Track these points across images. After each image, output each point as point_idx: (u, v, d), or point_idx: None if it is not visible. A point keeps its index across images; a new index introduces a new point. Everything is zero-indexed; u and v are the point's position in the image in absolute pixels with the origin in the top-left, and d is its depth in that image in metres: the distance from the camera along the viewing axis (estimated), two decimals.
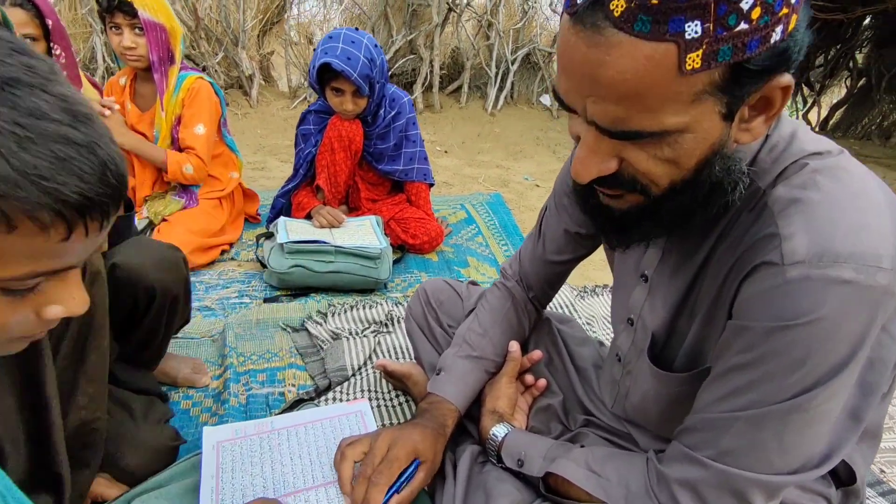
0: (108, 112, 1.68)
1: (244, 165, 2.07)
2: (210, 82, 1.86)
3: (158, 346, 1.09)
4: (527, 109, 4.78)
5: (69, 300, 0.48)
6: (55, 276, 0.46)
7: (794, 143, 0.60)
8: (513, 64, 4.63)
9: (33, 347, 0.67)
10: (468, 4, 4.51)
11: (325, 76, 1.74)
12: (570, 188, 0.90)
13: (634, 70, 0.47)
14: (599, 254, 0.95)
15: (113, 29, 1.67)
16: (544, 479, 0.78)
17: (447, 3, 4.33)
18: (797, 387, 0.54)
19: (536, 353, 1.02)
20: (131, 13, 1.63)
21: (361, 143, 1.88)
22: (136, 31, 1.67)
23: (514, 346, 0.99)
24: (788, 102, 0.53)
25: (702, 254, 0.66)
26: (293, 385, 1.27)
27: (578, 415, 0.98)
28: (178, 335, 1.40)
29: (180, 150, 1.83)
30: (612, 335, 0.90)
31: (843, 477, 0.73)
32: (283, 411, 1.17)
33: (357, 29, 1.78)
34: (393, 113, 1.92)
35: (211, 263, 1.82)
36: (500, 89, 4.66)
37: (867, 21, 4.31)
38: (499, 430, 0.87)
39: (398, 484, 0.79)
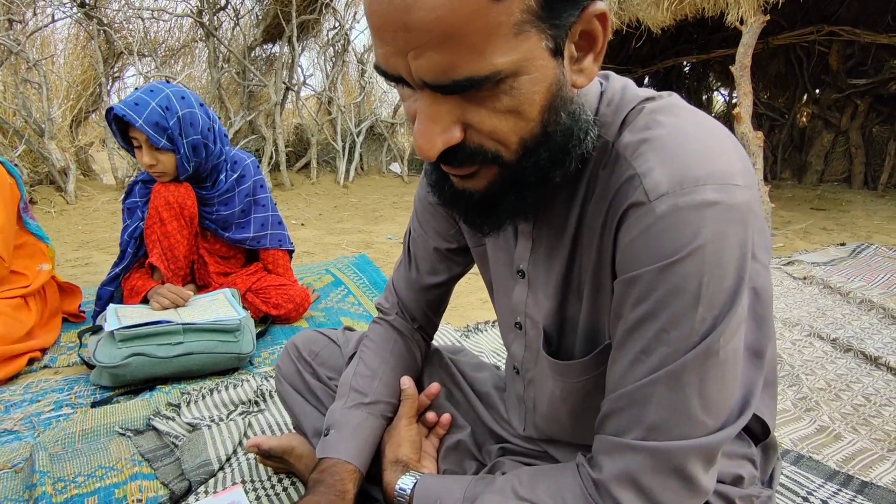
0: None
1: (62, 263, 1.74)
2: (1, 161, 1.56)
3: None
4: (378, 178, 4.84)
5: None
6: None
7: (627, 92, 0.61)
8: (358, 136, 4.71)
9: None
10: (305, 82, 4.55)
11: (123, 129, 1.58)
12: (427, 201, 0.85)
13: (444, 3, 0.43)
14: (475, 293, 0.89)
15: None
16: None
17: (283, 83, 4.32)
18: (703, 325, 0.51)
19: (434, 387, 0.90)
20: None
21: (195, 208, 1.68)
22: None
23: (407, 383, 0.87)
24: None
25: (570, 228, 0.63)
26: (138, 501, 0.99)
27: (491, 445, 0.88)
28: None
29: None
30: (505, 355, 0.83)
31: (758, 432, 0.71)
32: None
33: (168, 81, 1.64)
34: (235, 175, 1.76)
35: (14, 377, 1.44)
36: (350, 162, 4.69)
37: None
38: (406, 482, 0.73)
39: None
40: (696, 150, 0.52)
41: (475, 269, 0.86)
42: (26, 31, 3.57)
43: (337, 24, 4.59)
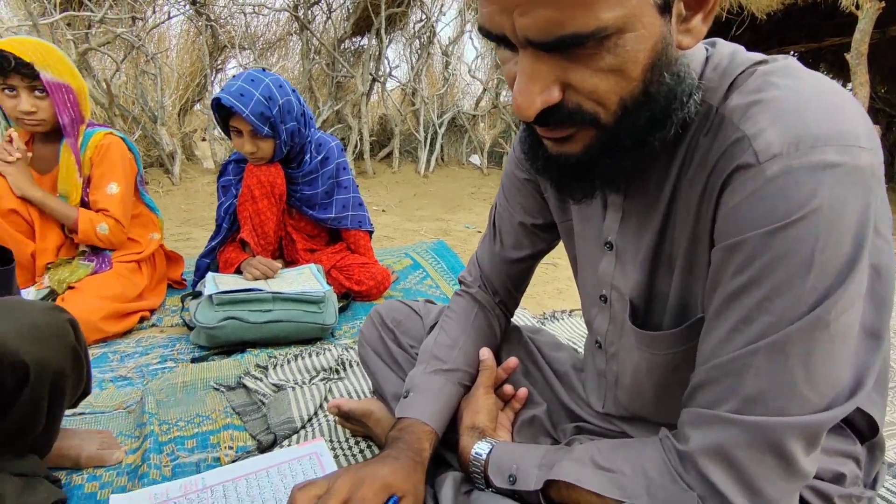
0: (11, 157, 1.50)
1: (167, 237, 1.90)
2: (122, 137, 1.72)
3: (44, 430, 0.85)
4: (458, 169, 4.87)
5: None
6: None
7: (737, 56, 0.57)
8: (440, 128, 4.76)
9: None
10: (391, 74, 4.66)
11: (225, 117, 1.66)
12: (515, 175, 0.84)
13: None
14: (552, 283, 0.88)
15: (6, 91, 1.51)
16: (544, 491, 0.65)
17: (370, 74, 4.45)
18: (813, 294, 0.47)
19: (512, 361, 0.90)
20: (31, 75, 1.49)
21: (284, 187, 1.77)
22: (37, 93, 1.52)
23: (486, 353, 0.87)
24: None
25: (664, 198, 0.60)
26: (230, 447, 1.06)
27: (567, 424, 0.86)
28: (84, 410, 1.17)
29: None
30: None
31: (863, 428, 0.65)
32: None
33: (265, 70, 1.72)
34: (320, 157, 1.83)
35: (128, 333, 1.59)
36: (431, 152, 4.75)
37: None
38: (482, 447, 0.73)
39: None
40: (814, 110, 0.48)
41: (554, 259, 0.85)
42: (146, 27, 3.91)
43: (423, 17, 4.67)
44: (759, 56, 0.57)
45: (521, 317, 1.67)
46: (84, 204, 1.65)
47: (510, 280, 0.92)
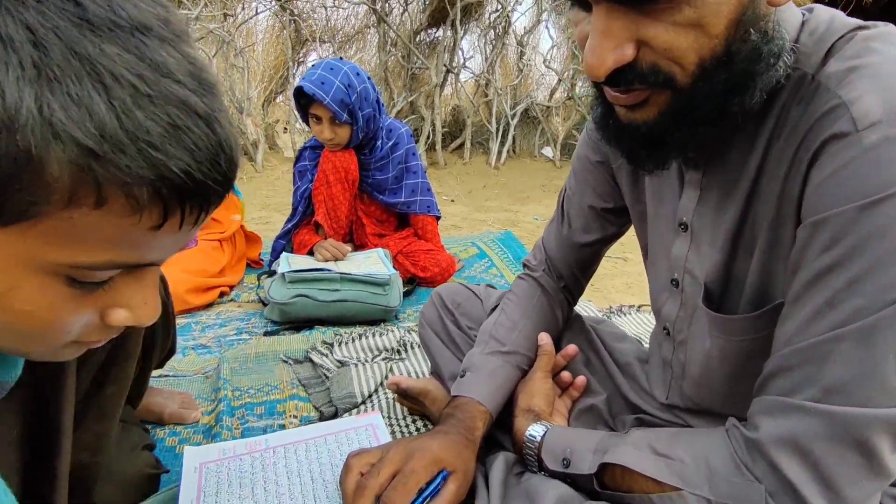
0: None
1: (247, 221, 2.02)
2: None
3: (135, 382, 0.94)
4: (530, 162, 4.81)
5: (140, 306, 0.40)
6: (133, 272, 0.39)
7: (836, 21, 0.52)
8: (513, 119, 4.71)
9: (56, 373, 0.56)
10: (465, 65, 4.66)
11: (305, 104, 1.71)
12: (586, 158, 0.82)
13: None
14: (620, 277, 0.84)
15: None
16: (599, 477, 0.63)
17: (444, 66, 4.47)
18: None
19: (571, 348, 0.88)
20: None
21: (357, 172, 1.82)
22: None
23: (545, 338, 0.85)
24: None
25: (748, 175, 0.56)
26: (295, 416, 1.12)
27: (627, 415, 0.83)
28: (168, 373, 1.27)
29: None
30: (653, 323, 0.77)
31: None
32: None
33: (342, 59, 1.77)
34: (390, 143, 1.87)
35: (209, 306, 1.70)
36: (502, 144, 4.71)
37: None
38: (536, 430, 0.72)
39: (419, 501, 0.64)
40: None
41: (625, 253, 0.82)
42: (236, 23, 4.15)
43: (499, 7, 4.63)
44: (858, 21, 0.52)
45: (586, 309, 1.62)
46: None
47: (576, 265, 0.90)
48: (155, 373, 1.18)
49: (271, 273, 1.74)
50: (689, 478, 0.54)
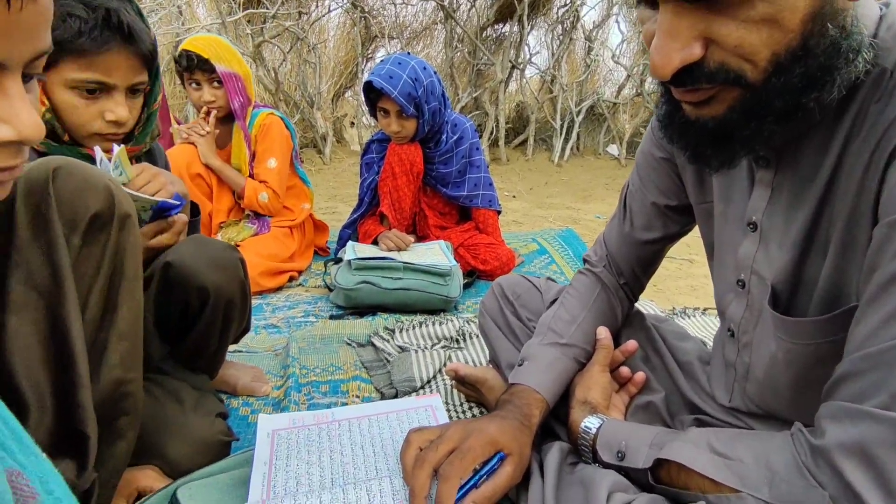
0: (204, 130, 1.77)
1: (315, 211, 2.11)
2: (281, 117, 1.94)
3: (214, 353, 1.02)
4: (593, 160, 4.71)
5: (13, 118, 0.37)
6: None
7: None
8: (577, 116, 4.63)
9: (58, 297, 0.63)
10: (530, 61, 4.62)
11: (374, 98, 1.76)
12: (651, 154, 0.81)
13: None
14: (685, 279, 0.83)
15: (193, 85, 1.79)
16: (654, 472, 0.63)
17: (510, 61, 4.45)
18: None
19: (631, 344, 0.88)
20: (209, 69, 1.74)
21: (422, 165, 1.86)
22: (215, 84, 1.77)
23: (604, 332, 0.86)
24: None
25: (824, 173, 0.54)
26: (357, 396, 1.17)
27: (685, 415, 0.82)
28: (241, 349, 1.36)
29: None
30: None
31: None
32: None
33: (409, 54, 1.81)
34: (455, 137, 1.90)
35: (279, 289, 1.80)
36: (566, 141, 4.65)
37: None
38: (592, 422, 0.73)
39: (475, 479, 0.66)
40: None
41: (691, 254, 0.80)
42: (309, 20, 4.31)
43: (568, 1, 4.55)
44: None
45: (649, 308, 1.59)
46: (251, 176, 1.90)
47: (637, 262, 0.90)
48: (230, 348, 1.28)
49: (338, 260, 1.82)
50: (749, 479, 0.53)
